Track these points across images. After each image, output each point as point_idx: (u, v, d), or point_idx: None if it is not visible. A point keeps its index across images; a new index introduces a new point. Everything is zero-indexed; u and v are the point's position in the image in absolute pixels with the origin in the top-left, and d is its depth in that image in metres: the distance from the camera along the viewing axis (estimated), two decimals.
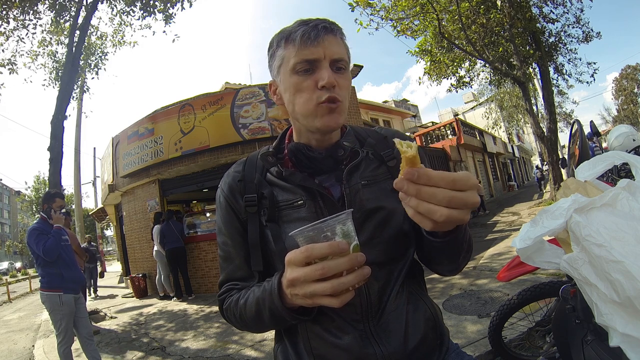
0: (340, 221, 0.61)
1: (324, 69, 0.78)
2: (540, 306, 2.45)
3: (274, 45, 0.84)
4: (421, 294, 0.90)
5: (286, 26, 0.83)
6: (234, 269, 0.89)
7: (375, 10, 11.58)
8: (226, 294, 0.89)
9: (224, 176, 0.96)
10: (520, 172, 33.73)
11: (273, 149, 0.93)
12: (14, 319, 9.08)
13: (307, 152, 0.86)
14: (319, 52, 0.77)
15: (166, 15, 10.23)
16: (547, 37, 13.42)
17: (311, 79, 0.79)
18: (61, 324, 3.50)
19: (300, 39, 0.77)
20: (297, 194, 0.84)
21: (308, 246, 0.61)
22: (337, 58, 0.79)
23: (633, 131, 3.29)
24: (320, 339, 0.82)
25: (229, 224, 0.90)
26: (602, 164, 0.76)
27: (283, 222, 0.84)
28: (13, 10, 9.12)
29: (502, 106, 23.71)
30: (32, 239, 3.45)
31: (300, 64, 0.78)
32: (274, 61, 0.85)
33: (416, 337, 0.83)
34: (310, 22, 0.79)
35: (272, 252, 0.83)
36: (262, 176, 0.90)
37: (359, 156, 0.87)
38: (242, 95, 7.88)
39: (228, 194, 0.91)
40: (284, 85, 0.83)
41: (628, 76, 45.57)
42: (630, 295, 0.55)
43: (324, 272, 0.59)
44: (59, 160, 7.62)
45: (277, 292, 0.70)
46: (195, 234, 8.39)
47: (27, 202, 35.62)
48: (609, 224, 0.59)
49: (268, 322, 0.77)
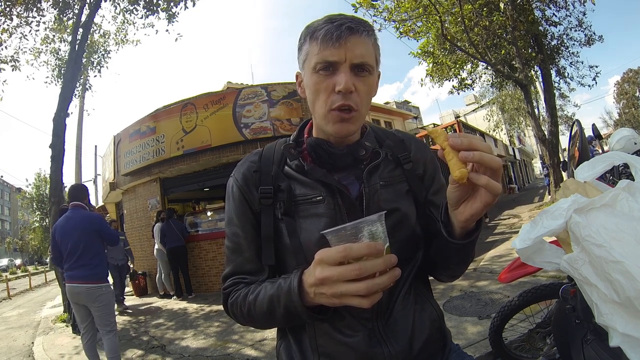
0: (373, 222, 0.62)
1: (342, 72, 0.75)
2: (540, 308, 2.45)
3: (301, 39, 0.82)
4: (427, 296, 0.92)
5: (315, 20, 0.81)
6: (243, 261, 0.86)
7: (378, 12, 11.61)
8: (232, 287, 0.86)
9: (238, 166, 0.93)
10: (521, 175, 33.68)
11: (293, 142, 0.91)
12: (13, 315, 9.09)
13: (328, 148, 0.84)
14: (340, 54, 0.75)
15: (169, 14, 10.23)
16: (550, 40, 13.42)
17: (329, 81, 0.77)
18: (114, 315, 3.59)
19: (322, 38, 0.75)
20: (316, 189, 0.83)
21: (346, 246, 0.60)
22: (359, 62, 0.76)
23: (635, 134, 3.29)
24: (328, 336, 0.81)
25: (242, 215, 0.87)
26: (602, 164, 0.76)
27: (299, 217, 0.82)
28: (16, 7, 9.13)
29: (504, 108, 23.67)
30: (107, 226, 3.59)
31: (320, 64, 0.76)
32: (300, 54, 0.83)
33: (422, 337, 0.84)
34: (336, 20, 0.76)
35: (285, 246, 0.82)
36: (280, 169, 0.87)
37: (379, 157, 0.87)
38: (245, 95, 7.89)
39: (242, 184, 0.88)
40: (306, 81, 0.82)
41: (630, 80, 45.47)
42: (630, 295, 0.55)
43: (360, 272, 0.59)
44: (61, 157, 7.61)
45: (297, 290, 0.69)
46: (196, 233, 8.40)
47: (27, 199, 35.62)
48: (609, 224, 0.59)
49: (280, 319, 0.76)
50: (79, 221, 3.43)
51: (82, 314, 3.49)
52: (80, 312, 3.49)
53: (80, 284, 3.35)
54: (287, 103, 7.89)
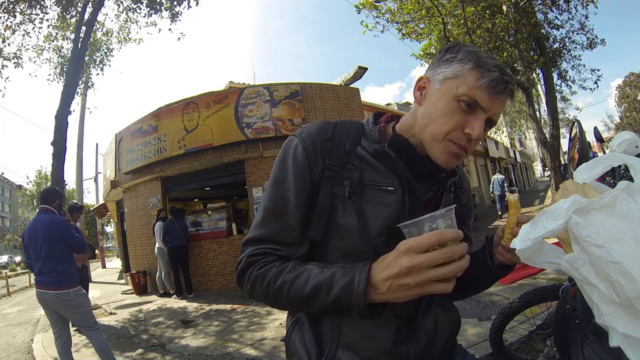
0: (443, 216, 0.66)
1: (480, 120, 0.76)
2: (541, 310, 2.46)
3: (457, 54, 0.78)
4: (448, 299, 0.95)
5: (482, 50, 0.80)
6: (284, 228, 0.79)
7: (380, 13, 11.62)
8: (261, 257, 0.78)
9: (307, 127, 0.87)
10: (522, 178, 33.62)
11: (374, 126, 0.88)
12: (12, 312, 9.10)
13: (412, 152, 0.84)
14: (490, 105, 0.75)
15: (172, 13, 10.26)
16: (552, 43, 13.42)
17: (464, 118, 0.76)
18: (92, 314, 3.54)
19: (489, 81, 0.74)
20: (389, 178, 0.81)
21: (439, 230, 0.63)
22: (494, 120, 0.79)
23: (636, 138, 3.29)
24: (356, 326, 0.80)
25: (300, 179, 0.80)
26: (601, 165, 0.76)
27: (363, 200, 0.79)
28: (20, 4, 9.15)
29: (505, 111, 23.62)
30: (70, 231, 3.45)
31: (468, 98, 0.75)
32: (446, 67, 0.79)
33: (442, 339, 0.87)
34: (507, 75, 0.75)
35: (337, 226, 0.79)
36: (353, 147, 0.84)
37: (457, 174, 0.89)
38: (247, 94, 7.90)
39: (310, 148, 0.81)
40: (437, 98, 0.79)
41: (631, 83, 45.41)
42: (630, 296, 0.56)
43: (452, 254, 0.62)
44: (62, 155, 7.64)
45: (364, 286, 0.66)
46: (197, 232, 8.40)
47: (28, 197, 35.66)
48: (609, 225, 0.60)
49: (318, 308, 0.72)
50: (42, 225, 3.35)
51: (54, 319, 3.44)
52: (52, 317, 3.43)
53: (48, 290, 3.30)
54: (289, 103, 7.90)
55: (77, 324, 3.53)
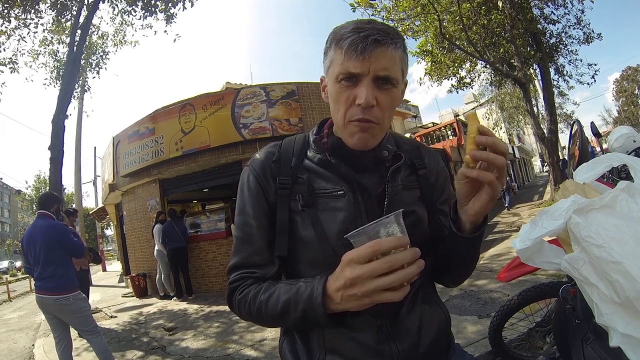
0: (391, 222, 0.64)
1: (364, 86, 0.74)
2: (540, 307, 2.45)
3: (327, 43, 0.81)
4: (435, 298, 0.93)
5: (343, 25, 0.78)
6: (253, 252, 0.84)
7: (376, 11, 11.63)
8: (240, 282, 0.84)
9: (255, 155, 0.91)
10: (520, 173, 33.69)
11: (316, 136, 0.90)
12: (13, 318, 9.08)
13: (349, 149, 0.84)
14: (363, 66, 0.73)
15: (167, 15, 10.23)
16: (548, 38, 13.44)
17: (350, 92, 0.76)
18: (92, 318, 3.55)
19: (347, 48, 0.73)
20: (338, 184, 0.83)
21: (375, 241, 0.62)
22: (384, 75, 0.75)
23: (634, 132, 3.28)
24: (337, 331, 0.81)
25: (256, 204, 0.85)
26: (601, 165, 0.76)
27: (318, 209, 0.82)
28: (14, 9, 9.12)
29: (503, 107, 23.68)
30: (68, 236, 3.45)
31: (342, 74, 0.76)
32: (325, 59, 0.82)
33: (429, 337, 0.85)
34: (363, 30, 0.73)
35: (299, 238, 0.82)
36: (300, 161, 0.87)
37: (401, 159, 0.88)
38: (243, 95, 7.88)
39: (259, 174, 0.87)
40: (329, 88, 0.82)
41: (629, 77, 45.50)
42: (630, 296, 0.55)
43: (392, 264, 0.61)
44: (60, 159, 7.62)
45: (321, 297, 0.69)
46: (196, 234, 8.40)
47: (27, 201, 35.62)
48: (609, 225, 0.59)
49: (293, 323, 0.77)
50: (41, 231, 3.35)
51: (54, 324, 3.44)
52: (52, 322, 3.44)
53: (47, 295, 3.30)
54: (285, 103, 7.88)
55: (77, 328, 3.52)
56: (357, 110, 0.76)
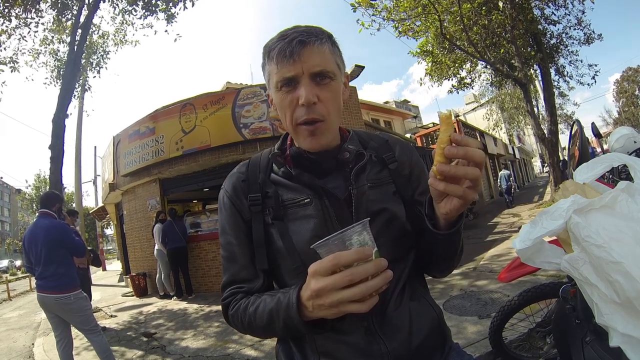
0: (358, 231, 0.63)
1: (302, 86, 0.77)
2: (540, 307, 2.45)
3: (262, 59, 0.85)
4: (424, 293, 0.92)
5: (271, 38, 0.82)
6: (239, 269, 0.88)
7: (377, 11, 11.59)
8: (231, 298, 0.88)
9: (227, 177, 0.96)
10: (520, 174, 33.68)
11: (279, 150, 0.93)
12: (13, 317, 9.09)
13: (309, 156, 0.86)
14: (296, 68, 0.77)
15: (168, 15, 10.23)
16: (549, 39, 13.43)
17: (292, 95, 0.79)
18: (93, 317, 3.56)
19: (277, 56, 0.77)
20: (303, 192, 0.85)
21: (335, 254, 0.62)
22: (317, 71, 0.78)
23: (634, 133, 3.28)
24: (326, 336, 0.82)
25: (234, 224, 0.90)
26: (601, 166, 0.76)
27: (289, 220, 0.85)
28: (15, 8, 9.13)
29: (503, 107, 23.70)
30: (70, 235, 3.46)
31: (280, 82, 0.79)
32: (264, 74, 0.86)
33: (420, 334, 0.85)
34: (287, 35, 0.78)
35: (277, 250, 0.84)
36: (267, 176, 0.90)
37: (363, 158, 0.88)
38: (244, 95, 7.88)
39: (232, 194, 0.91)
40: (274, 99, 0.85)
41: (629, 78, 45.48)
42: (630, 296, 0.55)
43: (352, 277, 0.61)
44: (60, 158, 7.62)
45: (295, 306, 0.70)
46: (196, 234, 8.40)
47: (27, 201, 35.65)
48: (608, 225, 0.59)
49: (280, 332, 0.78)
50: (41, 230, 3.36)
51: (55, 322, 3.46)
52: (53, 320, 3.45)
53: (49, 294, 3.31)
54: None
55: (78, 327, 3.52)
56: (302, 111, 0.78)
